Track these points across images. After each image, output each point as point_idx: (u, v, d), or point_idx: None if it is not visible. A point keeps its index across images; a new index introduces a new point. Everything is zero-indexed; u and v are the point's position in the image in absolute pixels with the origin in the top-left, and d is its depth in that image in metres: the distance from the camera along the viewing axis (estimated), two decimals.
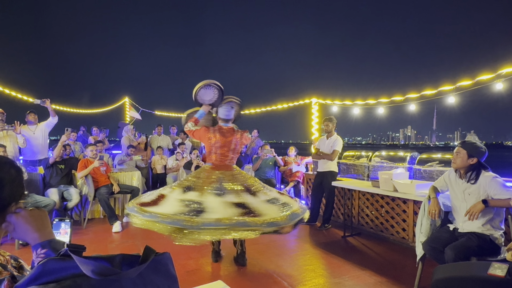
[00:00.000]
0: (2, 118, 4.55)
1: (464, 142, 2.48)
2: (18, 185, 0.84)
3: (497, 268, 1.58)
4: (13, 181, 0.83)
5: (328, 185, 4.45)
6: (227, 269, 3.09)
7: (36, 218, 0.84)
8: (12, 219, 0.82)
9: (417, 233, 2.64)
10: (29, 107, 5.32)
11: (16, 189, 0.84)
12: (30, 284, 0.58)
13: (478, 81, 4.22)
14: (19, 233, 0.83)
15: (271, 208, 2.49)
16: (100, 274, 0.57)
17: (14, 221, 0.82)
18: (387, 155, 4.84)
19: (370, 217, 4.28)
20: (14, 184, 0.83)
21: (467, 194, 2.40)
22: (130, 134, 6.64)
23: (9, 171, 0.82)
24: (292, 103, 7.16)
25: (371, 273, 2.98)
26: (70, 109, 8.93)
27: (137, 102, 10.71)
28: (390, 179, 3.47)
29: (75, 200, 4.43)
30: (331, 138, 4.53)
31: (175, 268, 0.72)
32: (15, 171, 0.84)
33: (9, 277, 0.77)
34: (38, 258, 0.78)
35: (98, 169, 4.76)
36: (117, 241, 4.06)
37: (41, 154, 5.08)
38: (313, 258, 3.42)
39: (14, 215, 0.82)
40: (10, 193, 0.82)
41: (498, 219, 2.34)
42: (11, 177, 0.82)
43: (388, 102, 5.48)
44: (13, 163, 0.86)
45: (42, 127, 5.09)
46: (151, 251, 0.67)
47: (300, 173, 5.90)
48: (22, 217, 0.82)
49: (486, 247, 2.29)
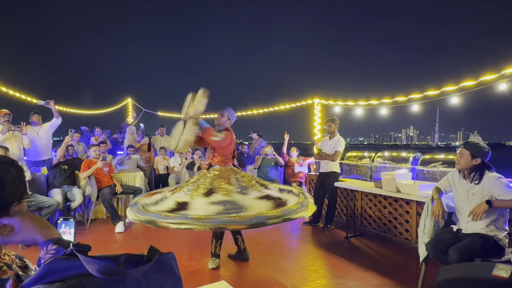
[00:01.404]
0: (8, 119, 4.58)
1: (467, 143, 2.46)
2: (19, 184, 0.84)
3: (501, 269, 1.57)
4: (14, 180, 0.83)
5: (330, 186, 4.44)
6: (230, 270, 3.09)
7: (39, 218, 0.84)
8: (15, 221, 0.80)
9: (421, 234, 2.63)
10: (33, 108, 5.36)
11: (17, 188, 0.84)
12: (36, 283, 0.58)
13: (481, 82, 4.21)
14: (25, 233, 0.81)
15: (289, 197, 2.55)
16: (105, 273, 0.58)
17: (17, 222, 0.81)
18: (389, 156, 4.83)
19: (373, 218, 4.27)
20: (15, 183, 0.83)
21: (471, 194, 2.39)
22: (135, 134, 6.68)
23: (10, 170, 0.83)
24: (295, 104, 7.17)
25: (374, 274, 2.97)
26: (73, 110, 8.98)
27: (140, 103, 10.75)
28: (393, 179, 3.46)
29: (78, 201, 4.45)
30: (334, 139, 4.52)
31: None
32: (16, 170, 0.84)
33: (14, 276, 0.78)
34: (47, 254, 0.77)
35: (101, 170, 4.78)
36: (120, 241, 4.07)
37: (45, 155, 5.11)
38: (315, 258, 3.41)
39: (17, 216, 0.80)
40: (11, 192, 0.82)
41: (502, 220, 2.33)
42: (12, 176, 0.83)
43: (391, 103, 5.47)
44: (13, 162, 0.86)
45: (46, 128, 5.12)
46: (156, 251, 0.68)
47: (303, 173, 5.90)
48: (28, 217, 0.82)
49: (490, 248, 2.28)
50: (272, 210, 2.31)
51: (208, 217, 2.17)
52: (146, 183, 5.89)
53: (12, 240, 0.80)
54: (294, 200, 2.49)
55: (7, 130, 4.43)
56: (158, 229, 4.26)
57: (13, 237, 0.80)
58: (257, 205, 2.37)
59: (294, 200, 2.49)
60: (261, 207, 2.33)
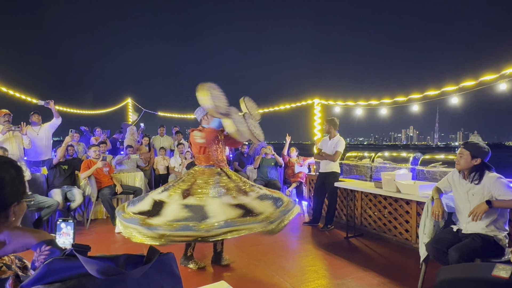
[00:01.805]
0: (9, 119, 4.59)
1: (467, 143, 2.46)
2: (19, 184, 0.84)
3: (501, 270, 1.57)
4: (13, 181, 0.83)
5: (330, 186, 4.44)
6: (230, 270, 3.09)
7: (28, 227, 0.85)
8: (5, 234, 0.80)
9: (421, 234, 2.62)
10: (33, 108, 5.36)
11: (17, 189, 0.84)
12: (36, 284, 0.58)
13: (481, 82, 4.20)
14: (16, 241, 0.80)
15: (265, 205, 2.51)
16: (105, 273, 0.58)
17: (7, 234, 0.80)
18: (389, 156, 4.83)
19: (373, 218, 4.27)
20: (14, 184, 0.83)
21: (471, 194, 2.39)
22: (136, 135, 6.68)
23: (9, 171, 0.83)
24: (295, 104, 7.16)
25: (374, 274, 2.97)
26: (73, 110, 8.97)
27: (140, 103, 10.74)
28: (393, 180, 3.46)
29: (78, 201, 4.45)
30: (334, 139, 4.52)
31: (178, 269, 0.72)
32: (15, 171, 0.84)
33: (13, 276, 0.78)
34: (41, 255, 0.78)
35: (101, 170, 4.78)
36: (120, 241, 4.07)
37: (45, 155, 5.11)
38: (315, 259, 3.41)
39: (5, 229, 0.80)
40: (11, 193, 0.82)
41: (502, 220, 2.33)
42: (12, 177, 0.83)
43: (391, 103, 5.47)
44: (12, 162, 0.86)
45: (46, 128, 5.12)
46: (155, 251, 0.67)
47: (303, 174, 5.89)
48: (16, 228, 0.82)
49: (490, 249, 2.27)
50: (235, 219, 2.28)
51: (173, 225, 2.21)
52: (146, 183, 5.89)
53: (5, 252, 0.81)
54: (267, 211, 2.43)
55: (7, 130, 4.43)
56: None
57: (5, 248, 0.80)
58: (224, 212, 2.36)
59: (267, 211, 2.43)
60: (228, 214, 2.32)
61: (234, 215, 2.32)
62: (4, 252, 0.81)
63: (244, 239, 3.99)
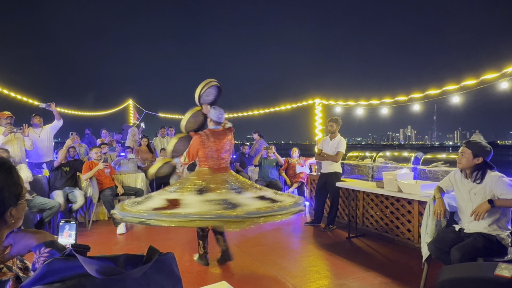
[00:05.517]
0: (11, 122, 4.60)
1: (469, 142, 2.45)
2: (13, 186, 0.83)
3: (504, 269, 1.56)
4: (9, 183, 0.82)
5: (332, 186, 4.43)
6: (231, 271, 3.09)
7: (31, 229, 0.86)
8: (11, 237, 0.82)
9: (423, 234, 2.62)
10: (35, 110, 5.37)
11: (15, 190, 0.84)
12: (35, 284, 0.58)
13: (482, 81, 4.19)
14: (20, 243, 0.82)
15: (282, 198, 2.73)
16: (104, 273, 0.58)
17: (12, 237, 0.82)
18: (391, 156, 4.82)
19: (375, 218, 4.26)
20: (10, 186, 0.83)
21: (473, 194, 2.38)
22: (137, 136, 6.68)
23: (4, 173, 0.82)
24: (296, 104, 7.16)
25: (376, 274, 2.96)
26: (74, 112, 9.00)
27: (141, 104, 10.76)
28: (395, 179, 3.45)
29: (80, 202, 4.46)
30: (335, 139, 4.51)
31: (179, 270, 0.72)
32: (7, 174, 0.83)
33: (14, 277, 0.78)
34: (41, 257, 0.78)
35: (103, 171, 4.79)
36: (121, 242, 4.07)
37: (46, 157, 5.11)
38: (317, 259, 3.41)
39: (7, 231, 0.82)
40: (8, 196, 0.81)
41: (504, 219, 2.32)
42: (7, 179, 0.82)
43: (392, 103, 5.46)
44: (4, 165, 0.84)
45: (47, 129, 5.13)
46: (155, 251, 0.67)
47: (304, 174, 5.89)
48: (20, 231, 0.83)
49: (493, 248, 2.26)
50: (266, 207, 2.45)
51: (202, 213, 2.30)
52: (147, 184, 5.89)
53: (11, 255, 0.82)
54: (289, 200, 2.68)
55: (9, 132, 4.44)
56: (160, 230, 4.28)
57: (11, 251, 0.82)
58: (251, 203, 2.51)
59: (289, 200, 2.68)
60: (256, 205, 2.47)
61: (261, 205, 2.47)
62: (9, 256, 0.82)
63: (245, 239, 3.99)
